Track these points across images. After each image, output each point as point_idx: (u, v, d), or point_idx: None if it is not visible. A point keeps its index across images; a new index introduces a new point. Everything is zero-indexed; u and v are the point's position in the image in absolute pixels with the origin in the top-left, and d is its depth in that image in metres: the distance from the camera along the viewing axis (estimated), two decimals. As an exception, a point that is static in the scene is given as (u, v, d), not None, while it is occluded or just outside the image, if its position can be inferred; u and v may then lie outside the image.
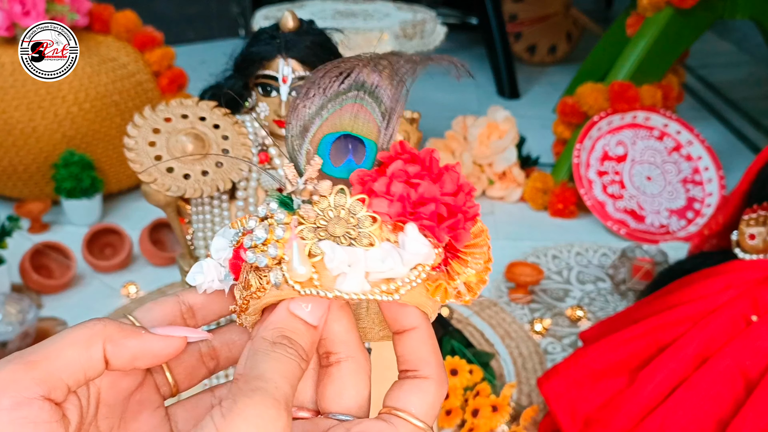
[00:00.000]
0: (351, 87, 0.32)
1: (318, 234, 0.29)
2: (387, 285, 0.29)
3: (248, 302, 0.30)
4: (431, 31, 1.71)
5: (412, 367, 0.31)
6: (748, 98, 2.42)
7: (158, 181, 0.52)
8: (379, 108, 0.32)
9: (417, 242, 0.29)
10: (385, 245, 0.29)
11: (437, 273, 0.30)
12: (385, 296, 0.29)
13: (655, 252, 1.33)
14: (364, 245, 0.29)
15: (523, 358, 1.13)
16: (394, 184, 0.29)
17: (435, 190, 0.30)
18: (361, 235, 0.29)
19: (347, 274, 0.28)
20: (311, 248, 0.29)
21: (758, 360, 0.82)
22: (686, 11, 1.65)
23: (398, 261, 0.29)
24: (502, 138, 1.64)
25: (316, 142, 0.31)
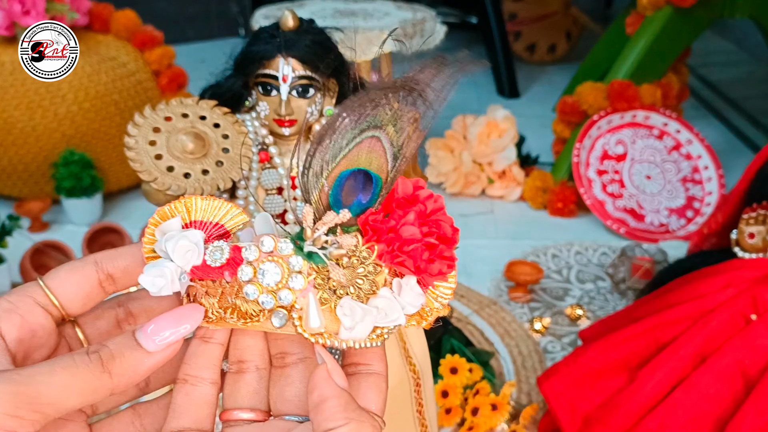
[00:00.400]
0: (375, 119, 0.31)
1: (329, 283, 0.29)
2: (381, 330, 0.30)
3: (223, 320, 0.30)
4: (431, 30, 1.71)
5: (364, 362, 0.31)
6: (748, 97, 2.42)
7: (158, 180, 0.52)
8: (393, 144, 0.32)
9: (416, 294, 0.30)
10: (385, 292, 0.30)
11: None
12: (378, 342, 0.30)
13: (655, 251, 1.33)
14: (367, 291, 0.29)
15: (523, 356, 1.13)
16: (411, 245, 0.29)
17: (446, 251, 0.30)
18: (367, 282, 0.29)
19: (355, 327, 0.29)
20: (322, 296, 0.29)
21: (757, 358, 0.82)
22: (686, 10, 1.65)
23: (401, 313, 0.30)
24: (501, 137, 1.64)
25: (333, 178, 0.31)
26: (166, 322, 0.29)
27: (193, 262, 0.30)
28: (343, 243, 0.29)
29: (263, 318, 0.29)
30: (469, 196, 1.69)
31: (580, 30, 2.73)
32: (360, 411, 0.29)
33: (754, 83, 2.65)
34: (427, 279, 0.30)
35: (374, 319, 0.29)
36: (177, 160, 0.53)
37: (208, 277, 0.30)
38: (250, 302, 0.29)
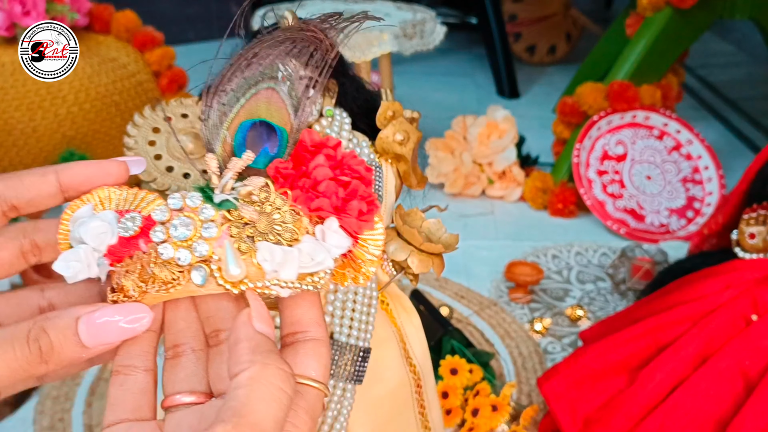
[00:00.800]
0: (268, 70, 0.31)
1: (246, 231, 0.29)
2: (311, 277, 0.29)
3: (146, 294, 0.29)
4: (431, 31, 1.71)
5: (301, 329, 0.31)
6: (748, 98, 2.42)
7: (158, 181, 0.52)
8: (292, 95, 0.32)
9: (339, 236, 0.30)
10: (308, 239, 0.29)
11: (343, 260, 0.31)
12: (310, 287, 0.30)
13: (655, 251, 1.33)
14: (287, 240, 0.29)
15: (523, 357, 1.13)
16: (323, 182, 0.30)
17: (361, 188, 0.30)
18: (286, 230, 0.29)
19: (279, 271, 0.29)
20: (240, 246, 0.29)
21: (758, 360, 0.82)
22: (686, 11, 1.65)
23: (327, 255, 0.29)
24: (501, 138, 1.64)
25: (233, 129, 0.31)
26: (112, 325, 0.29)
27: (107, 242, 0.29)
28: (251, 183, 0.29)
29: (184, 280, 0.28)
30: (469, 196, 1.69)
31: (580, 31, 2.73)
32: (269, 355, 0.28)
33: (754, 84, 2.65)
34: (349, 222, 0.30)
35: (297, 261, 0.29)
36: (176, 160, 0.53)
37: (125, 253, 0.29)
38: (168, 265, 0.29)
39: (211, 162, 0.30)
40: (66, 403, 1.01)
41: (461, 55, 2.84)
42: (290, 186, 0.30)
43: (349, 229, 0.30)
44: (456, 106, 2.19)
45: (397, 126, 0.62)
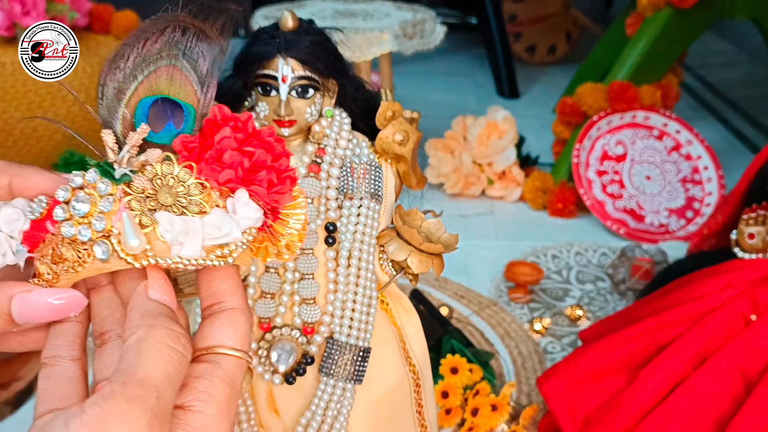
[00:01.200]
0: (165, 48, 0.32)
1: (147, 204, 0.29)
2: (221, 250, 0.29)
3: (59, 276, 0.29)
4: (431, 31, 1.71)
5: (217, 300, 0.31)
6: (748, 98, 2.42)
7: None
8: (195, 71, 0.32)
9: (248, 207, 0.30)
10: (216, 211, 0.29)
11: (261, 234, 0.31)
12: (221, 261, 0.29)
13: (655, 251, 1.33)
14: (194, 213, 0.29)
15: (523, 357, 1.13)
16: (227, 152, 0.29)
17: (268, 158, 0.30)
18: (192, 203, 0.29)
19: (184, 243, 0.29)
20: (142, 219, 0.29)
21: (757, 359, 0.82)
22: (686, 11, 1.65)
23: (234, 226, 0.29)
24: (501, 138, 1.64)
25: (132, 106, 0.31)
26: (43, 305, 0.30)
27: (20, 228, 0.30)
28: (148, 155, 0.29)
29: (89, 257, 0.29)
30: (469, 196, 1.69)
31: (580, 31, 2.73)
32: (158, 317, 0.28)
33: (754, 84, 2.65)
34: (260, 193, 0.30)
35: (200, 232, 0.29)
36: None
37: (39, 237, 0.30)
38: (73, 244, 0.29)
39: (108, 137, 0.30)
40: (66, 402, 1.02)
41: (461, 55, 2.84)
42: (196, 159, 0.30)
43: (262, 201, 0.30)
44: (456, 106, 2.19)
45: (397, 126, 0.62)
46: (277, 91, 0.59)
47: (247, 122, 0.31)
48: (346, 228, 0.60)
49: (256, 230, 0.30)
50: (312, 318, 0.61)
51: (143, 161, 0.29)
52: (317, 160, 0.61)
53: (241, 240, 0.30)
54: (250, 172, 0.30)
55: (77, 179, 0.30)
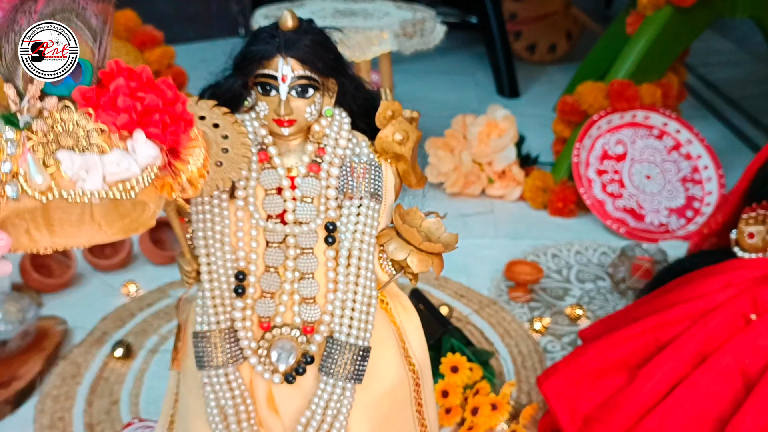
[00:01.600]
0: (58, 9, 0.35)
1: (50, 147, 0.33)
2: (123, 185, 0.33)
3: None
4: (431, 30, 1.71)
5: None
6: (748, 97, 2.42)
7: None
8: (89, 29, 0.35)
9: (146, 146, 0.34)
10: (116, 151, 0.34)
11: (163, 172, 0.35)
12: (124, 194, 0.33)
13: (655, 251, 1.33)
14: (97, 153, 0.34)
15: (523, 356, 1.14)
16: (120, 98, 0.33)
17: (159, 102, 0.34)
18: (92, 145, 0.33)
19: (86, 179, 0.33)
20: (45, 159, 0.33)
21: (757, 358, 0.82)
22: (686, 10, 1.65)
23: (132, 162, 0.33)
24: (501, 137, 1.64)
25: None
26: None
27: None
28: (45, 103, 0.34)
29: (3, 199, 0.33)
30: (469, 195, 1.69)
31: (581, 30, 2.73)
32: None
33: (754, 83, 2.64)
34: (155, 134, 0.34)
35: (100, 167, 0.33)
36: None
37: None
38: None
39: (9, 91, 0.34)
40: (66, 402, 1.02)
41: (461, 54, 2.84)
42: (93, 107, 0.34)
43: (160, 140, 0.34)
44: (456, 105, 2.19)
45: (397, 126, 0.62)
46: (276, 90, 0.59)
47: (141, 72, 0.34)
48: (346, 227, 0.60)
49: (157, 168, 0.35)
50: (312, 317, 0.61)
51: (39, 107, 0.34)
52: (317, 160, 0.61)
53: (142, 177, 0.34)
54: (144, 115, 0.34)
55: None
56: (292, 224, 0.60)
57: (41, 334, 1.11)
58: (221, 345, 0.60)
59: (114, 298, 1.26)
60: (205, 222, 0.59)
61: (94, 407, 1.01)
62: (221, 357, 0.60)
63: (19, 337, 1.05)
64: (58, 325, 1.15)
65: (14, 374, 1.03)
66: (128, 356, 1.10)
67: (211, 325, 0.60)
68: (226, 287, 0.60)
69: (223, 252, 0.59)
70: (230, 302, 0.60)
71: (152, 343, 1.15)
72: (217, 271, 0.60)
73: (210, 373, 0.61)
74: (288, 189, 0.60)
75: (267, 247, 0.60)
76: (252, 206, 0.60)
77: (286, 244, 0.60)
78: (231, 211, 0.60)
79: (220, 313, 0.60)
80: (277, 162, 0.61)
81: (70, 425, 0.97)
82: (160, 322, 1.20)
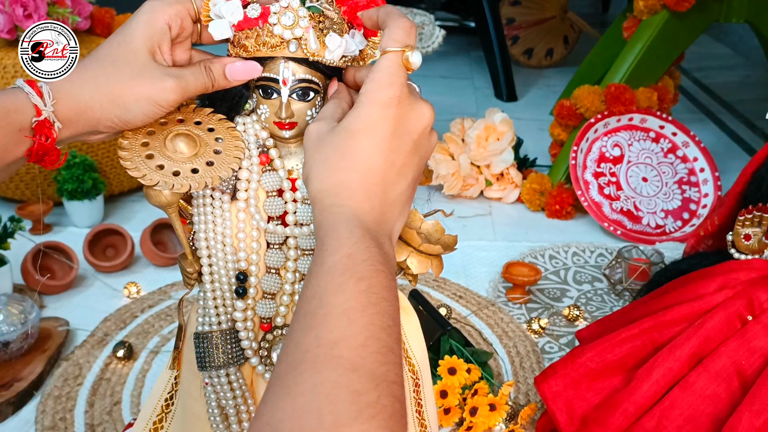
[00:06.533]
0: None
1: (321, 27, 0.53)
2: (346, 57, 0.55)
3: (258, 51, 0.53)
4: (430, 34, 1.72)
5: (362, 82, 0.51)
6: (743, 100, 2.43)
7: (147, 177, 0.53)
8: None
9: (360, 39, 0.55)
10: (346, 36, 0.54)
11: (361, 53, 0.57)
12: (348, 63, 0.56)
13: (651, 253, 1.34)
14: (339, 32, 0.54)
15: (521, 357, 1.14)
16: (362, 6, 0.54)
17: None
18: (339, 26, 0.54)
19: (334, 51, 0.53)
20: (318, 34, 0.53)
21: (753, 359, 0.83)
22: (682, 14, 1.66)
23: (356, 47, 0.55)
24: (499, 140, 1.65)
25: None
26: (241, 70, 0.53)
27: (237, 17, 0.52)
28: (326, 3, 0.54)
29: (283, 47, 0.53)
30: (467, 198, 1.70)
31: (578, 34, 2.74)
32: None
33: (750, 86, 2.66)
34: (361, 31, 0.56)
35: (344, 48, 0.53)
36: (168, 159, 0.54)
37: (247, 26, 0.52)
38: (275, 36, 0.52)
39: None
40: (68, 402, 1.02)
41: (460, 58, 2.85)
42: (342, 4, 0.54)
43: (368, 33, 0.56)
44: (454, 108, 2.20)
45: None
46: (278, 93, 0.59)
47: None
48: (347, 228, 0.61)
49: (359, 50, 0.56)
50: (312, 317, 0.61)
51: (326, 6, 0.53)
52: (318, 162, 0.62)
53: (356, 53, 0.56)
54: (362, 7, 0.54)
55: (285, 1, 0.52)
56: (293, 226, 0.61)
57: (43, 335, 1.12)
58: (222, 346, 0.61)
59: (115, 300, 1.27)
60: (206, 224, 0.60)
61: (95, 408, 1.01)
62: (222, 357, 0.61)
63: (21, 338, 1.06)
64: (59, 326, 1.16)
65: (16, 375, 1.04)
66: (130, 357, 1.11)
67: (213, 326, 0.61)
68: (227, 288, 0.61)
69: (225, 253, 0.60)
70: (231, 303, 0.61)
71: (153, 344, 1.15)
72: (219, 272, 0.60)
73: (211, 374, 0.61)
74: (289, 191, 0.61)
75: (268, 249, 0.61)
76: (253, 208, 0.61)
77: (287, 245, 0.61)
78: (232, 213, 0.61)
79: (221, 313, 0.61)
80: (278, 164, 0.62)
81: (72, 426, 0.98)
82: (162, 323, 1.21)
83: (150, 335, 1.17)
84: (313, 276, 0.43)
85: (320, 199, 0.47)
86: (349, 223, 0.44)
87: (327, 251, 0.43)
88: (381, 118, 0.47)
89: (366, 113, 0.47)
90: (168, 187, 0.53)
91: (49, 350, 1.09)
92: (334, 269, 0.42)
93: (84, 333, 1.17)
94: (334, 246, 0.43)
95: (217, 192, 0.59)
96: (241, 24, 0.52)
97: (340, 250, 0.43)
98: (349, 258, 0.42)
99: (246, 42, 0.52)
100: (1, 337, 1.03)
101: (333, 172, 0.47)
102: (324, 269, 0.42)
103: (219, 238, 0.60)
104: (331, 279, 0.41)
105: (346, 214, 0.45)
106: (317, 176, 0.48)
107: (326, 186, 0.47)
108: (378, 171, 0.47)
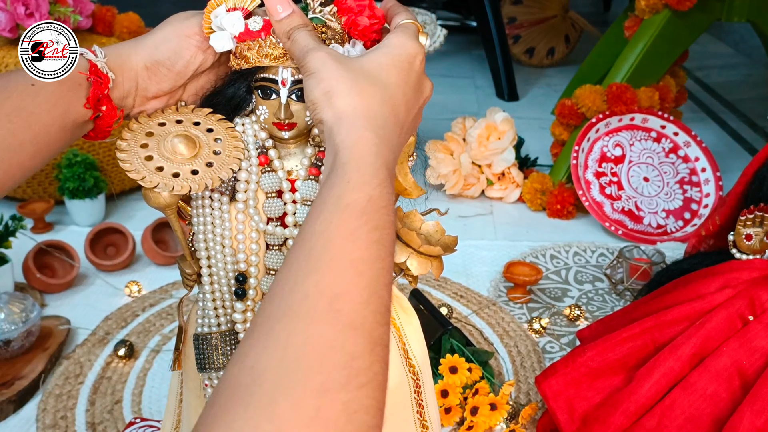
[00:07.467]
0: None
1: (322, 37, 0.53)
2: None
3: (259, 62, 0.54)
4: (431, 34, 1.72)
5: None
6: (745, 100, 2.43)
7: (146, 179, 0.53)
8: None
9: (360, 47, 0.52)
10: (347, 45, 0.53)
11: None
12: None
13: (653, 252, 1.34)
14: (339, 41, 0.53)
15: (522, 356, 1.14)
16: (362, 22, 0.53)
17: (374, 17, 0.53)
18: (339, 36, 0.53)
19: None
20: None
21: (754, 359, 0.83)
22: (684, 13, 1.66)
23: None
24: (500, 139, 1.65)
25: None
26: None
27: (239, 29, 0.52)
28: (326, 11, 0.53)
29: (285, 59, 0.53)
30: (468, 197, 1.70)
31: (579, 33, 2.74)
32: None
33: (752, 86, 2.66)
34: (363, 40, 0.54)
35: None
36: (167, 161, 0.54)
37: (249, 38, 0.52)
38: (278, 48, 0.52)
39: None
40: (69, 401, 1.02)
41: (461, 57, 2.85)
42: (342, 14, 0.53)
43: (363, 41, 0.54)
44: (456, 107, 2.20)
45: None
46: (277, 94, 0.59)
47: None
48: (347, 229, 0.61)
49: None
50: (312, 318, 0.61)
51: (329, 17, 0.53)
52: (317, 163, 0.62)
53: None
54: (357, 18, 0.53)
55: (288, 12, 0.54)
56: (292, 227, 0.61)
57: (44, 334, 1.12)
58: (222, 347, 0.61)
59: (117, 299, 1.27)
60: (205, 225, 0.60)
61: (96, 406, 1.02)
62: (222, 359, 0.61)
63: (23, 336, 1.06)
64: (61, 325, 1.16)
65: (17, 374, 1.04)
66: (131, 356, 1.11)
67: (212, 328, 0.61)
68: (226, 289, 0.61)
69: (224, 255, 0.60)
70: (231, 304, 0.61)
71: (155, 342, 1.16)
72: (218, 273, 0.60)
73: (211, 375, 0.61)
74: (288, 192, 0.61)
75: (267, 250, 0.61)
76: (252, 209, 0.61)
77: (286, 246, 0.61)
78: (232, 214, 0.61)
79: (220, 315, 0.61)
80: (278, 165, 0.62)
81: (73, 424, 0.98)
82: (163, 322, 1.21)
83: (151, 334, 1.18)
84: (326, 206, 0.38)
85: (350, 115, 0.42)
86: (376, 160, 0.40)
87: (349, 184, 0.39)
88: (408, 64, 0.47)
89: (396, 53, 0.47)
90: (168, 189, 0.53)
91: (50, 349, 1.09)
92: (352, 209, 0.37)
93: (85, 331, 1.17)
94: (357, 181, 0.39)
95: (216, 193, 0.59)
96: (242, 36, 0.52)
97: (363, 189, 0.39)
98: (370, 202, 0.38)
99: (248, 53, 0.53)
100: (3, 335, 1.04)
101: (363, 95, 0.44)
102: (341, 205, 0.38)
103: (218, 239, 0.60)
104: (345, 220, 0.37)
105: (377, 147, 0.41)
106: (348, 91, 0.43)
107: (358, 105, 0.43)
108: (401, 112, 0.46)
